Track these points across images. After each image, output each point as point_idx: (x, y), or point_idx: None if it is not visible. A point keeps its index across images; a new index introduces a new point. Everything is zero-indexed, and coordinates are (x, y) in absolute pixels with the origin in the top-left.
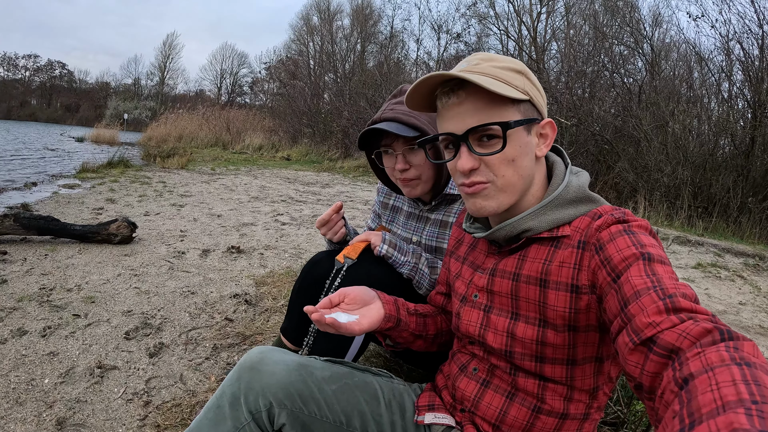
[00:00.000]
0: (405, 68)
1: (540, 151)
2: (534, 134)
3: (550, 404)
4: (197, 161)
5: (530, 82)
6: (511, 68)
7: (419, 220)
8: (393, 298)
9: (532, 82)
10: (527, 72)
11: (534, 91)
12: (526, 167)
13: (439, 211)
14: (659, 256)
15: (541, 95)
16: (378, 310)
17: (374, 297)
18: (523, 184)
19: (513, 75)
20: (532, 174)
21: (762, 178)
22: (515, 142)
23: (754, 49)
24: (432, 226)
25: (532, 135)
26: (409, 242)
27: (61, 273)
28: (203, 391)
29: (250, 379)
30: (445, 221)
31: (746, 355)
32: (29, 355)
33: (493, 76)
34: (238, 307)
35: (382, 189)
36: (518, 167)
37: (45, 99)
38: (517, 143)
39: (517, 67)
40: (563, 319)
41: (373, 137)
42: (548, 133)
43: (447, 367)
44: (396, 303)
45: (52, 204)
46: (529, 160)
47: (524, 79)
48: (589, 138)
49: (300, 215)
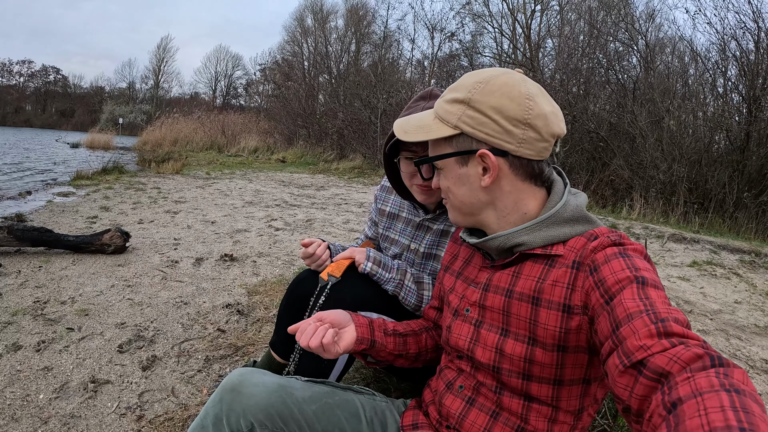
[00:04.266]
0: (399, 68)
1: (483, 181)
2: (475, 165)
3: (533, 425)
4: (192, 165)
5: (472, 110)
6: (455, 100)
7: (419, 228)
8: (368, 320)
9: (474, 108)
10: (470, 100)
11: (472, 119)
12: (465, 195)
13: (440, 221)
14: (653, 281)
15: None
16: (352, 333)
17: (349, 320)
18: (469, 209)
19: (452, 107)
20: (480, 201)
21: (757, 173)
22: (447, 173)
23: (749, 44)
24: (433, 236)
25: (470, 166)
26: (407, 249)
27: (55, 285)
28: (195, 404)
29: (231, 401)
30: (447, 231)
31: (736, 382)
32: (24, 371)
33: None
34: (231, 318)
35: (379, 196)
36: (455, 194)
37: (40, 104)
38: (450, 174)
39: (461, 96)
40: (553, 338)
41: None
42: (486, 164)
43: (435, 383)
44: (371, 325)
45: (46, 213)
46: (469, 190)
47: (462, 110)
48: (584, 135)
49: (294, 220)
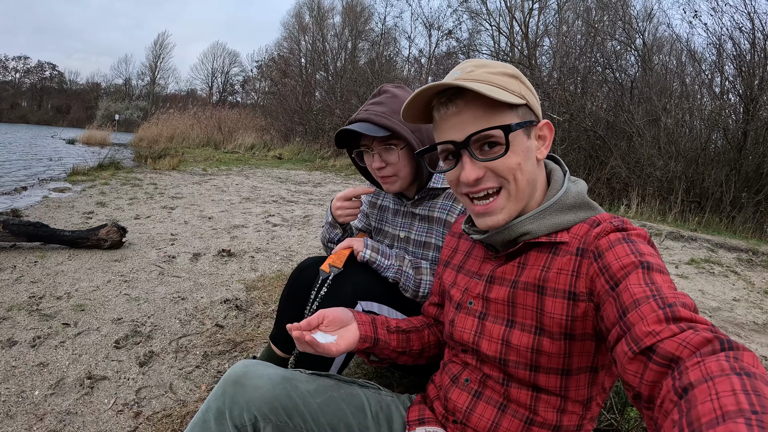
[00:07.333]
0: (396, 65)
1: (540, 153)
2: (533, 137)
3: (542, 416)
4: (189, 162)
5: (525, 86)
6: (505, 73)
7: (405, 216)
8: (371, 318)
9: (526, 85)
10: (521, 76)
11: (529, 94)
12: (530, 171)
13: (423, 206)
14: (658, 265)
15: (535, 98)
16: (354, 331)
17: (351, 318)
18: (530, 189)
19: (508, 80)
20: (536, 178)
21: (754, 172)
22: (518, 146)
23: (746, 43)
24: (421, 222)
25: (531, 138)
26: (397, 239)
27: (50, 280)
28: (193, 400)
29: (234, 393)
30: (431, 216)
31: (746, 365)
32: (19, 366)
33: (488, 82)
34: (229, 313)
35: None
36: (524, 171)
37: (36, 101)
38: (519, 147)
39: (511, 71)
40: (560, 326)
41: (353, 137)
42: (546, 135)
43: (439, 378)
44: (374, 323)
45: (42, 209)
46: (532, 164)
47: (519, 84)
48: (581, 134)
49: (291, 216)
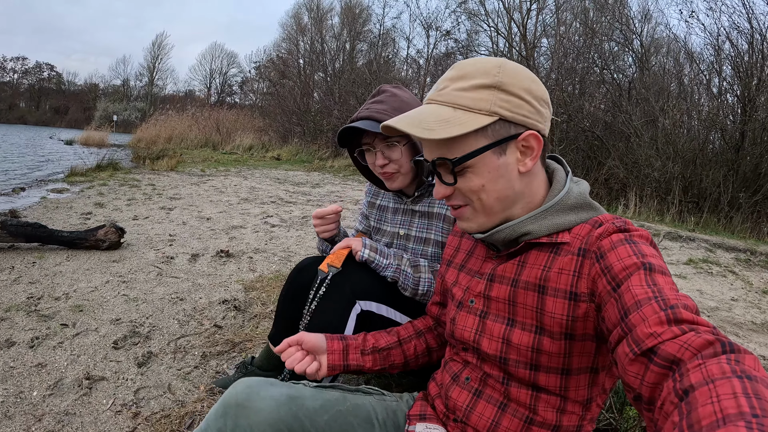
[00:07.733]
0: (395, 66)
1: (524, 166)
2: (513, 151)
3: (542, 416)
4: (187, 163)
5: (504, 93)
6: (479, 86)
7: (405, 213)
8: (343, 345)
9: (507, 91)
10: (500, 83)
11: (508, 103)
12: (501, 189)
13: (423, 203)
14: (660, 267)
15: (524, 101)
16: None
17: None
18: (502, 204)
19: (480, 94)
20: (515, 191)
21: (752, 172)
22: (482, 168)
23: (744, 44)
24: (420, 219)
25: (506, 154)
26: (397, 236)
27: (49, 281)
28: (192, 401)
29: (236, 416)
30: (431, 212)
31: (747, 368)
32: (17, 367)
33: (452, 103)
34: (227, 314)
35: (369, 190)
36: (489, 191)
37: (34, 102)
38: (485, 169)
39: (489, 81)
40: (560, 326)
41: (354, 137)
42: (533, 146)
43: (440, 376)
44: (346, 350)
45: (40, 209)
46: (507, 181)
47: (494, 94)
48: (579, 134)
49: (290, 216)
